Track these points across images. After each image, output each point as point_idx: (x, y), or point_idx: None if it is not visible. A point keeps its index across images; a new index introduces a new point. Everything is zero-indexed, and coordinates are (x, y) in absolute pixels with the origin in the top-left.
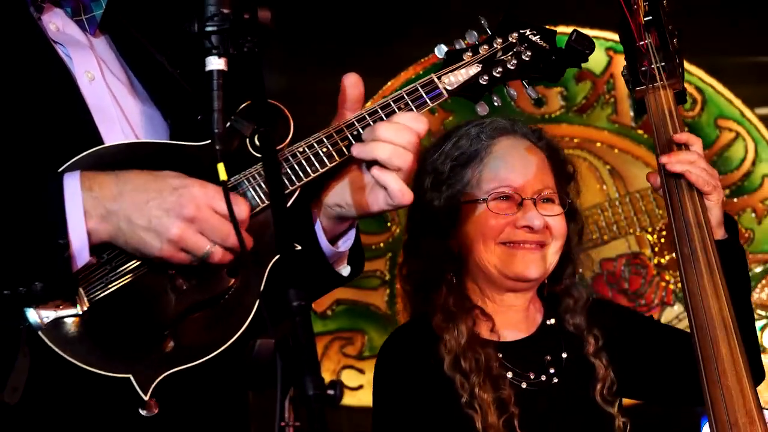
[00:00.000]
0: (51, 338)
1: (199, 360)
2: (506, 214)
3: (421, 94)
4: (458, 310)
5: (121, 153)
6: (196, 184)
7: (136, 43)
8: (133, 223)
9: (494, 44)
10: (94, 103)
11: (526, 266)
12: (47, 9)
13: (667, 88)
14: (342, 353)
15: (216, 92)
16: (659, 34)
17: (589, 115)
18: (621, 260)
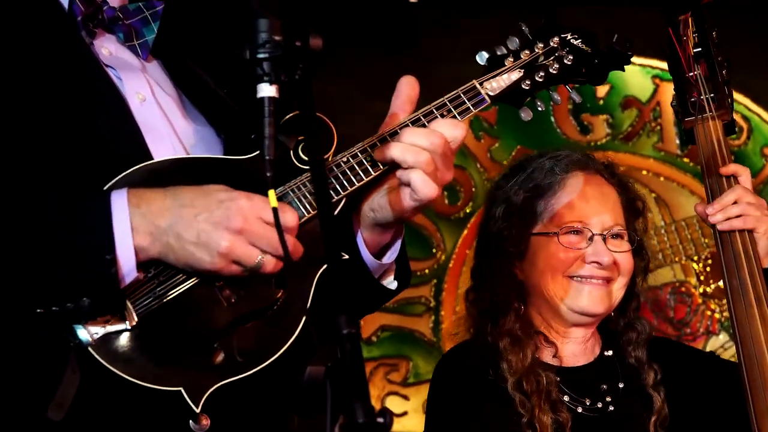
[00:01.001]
0: (101, 354)
1: (250, 371)
2: (576, 248)
3: (464, 101)
4: (524, 335)
5: (168, 168)
6: (242, 197)
7: (185, 65)
8: (183, 239)
9: (535, 49)
10: (145, 123)
11: (592, 301)
12: (99, 34)
13: (716, 119)
14: (387, 380)
15: (267, 119)
16: (708, 65)
17: (635, 143)
18: (666, 289)
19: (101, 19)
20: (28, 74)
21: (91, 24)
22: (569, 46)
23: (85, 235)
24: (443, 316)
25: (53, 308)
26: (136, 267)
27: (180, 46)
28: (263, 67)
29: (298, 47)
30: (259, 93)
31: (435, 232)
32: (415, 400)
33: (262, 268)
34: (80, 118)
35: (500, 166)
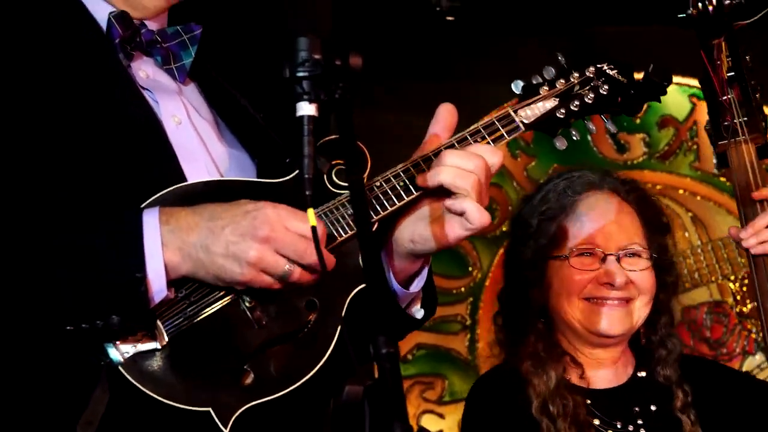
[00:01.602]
0: (131, 373)
1: (279, 393)
2: (589, 269)
3: (498, 128)
4: (548, 356)
5: (201, 190)
6: (268, 206)
7: (222, 89)
8: (211, 252)
9: (571, 78)
10: (180, 145)
11: (609, 323)
12: (137, 57)
13: (749, 143)
14: (422, 398)
15: (306, 137)
16: (742, 89)
17: (671, 162)
18: (703, 308)
19: (139, 42)
20: (66, 95)
21: (129, 47)
22: (605, 76)
23: (116, 253)
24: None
25: (83, 326)
26: (167, 285)
27: (217, 69)
28: (303, 85)
29: (338, 66)
30: (298, 111)
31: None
32: (450, 418)
33: (291, 276)
34: (116, 141)
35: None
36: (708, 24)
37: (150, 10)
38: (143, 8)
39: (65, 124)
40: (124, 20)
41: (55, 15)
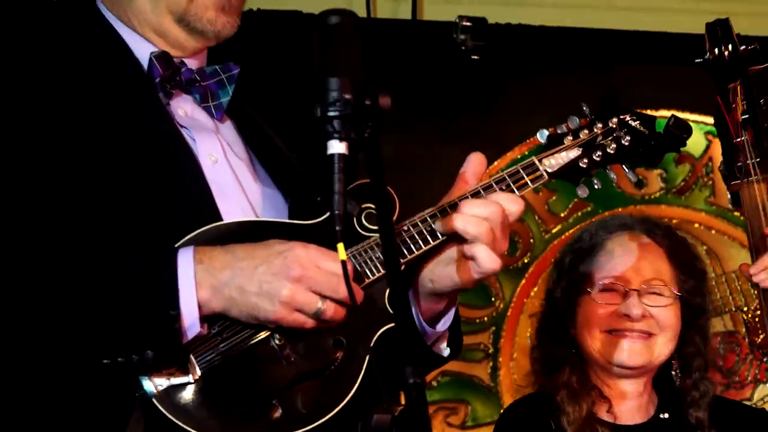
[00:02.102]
0: (164, 405)
1: (305, 428)
2: (610, 303)
3: (523, 176)
4: (581, 388)
5: (236, 230)
6: (298, 246)
7: (258, 128)
8: (245, 291)
9: (594, 129)
10: (215, 183)
11: (628, 355)
12: (176, 95)
13: (761, 183)
14: (446, 423)
15: (337, 175)
16: (755, 131)
17: (687, 197)
18: (717, 338)
19: (179, 81)
20: (106, 132)
21: (168, 85)
22: (627, 127)
23: (152, 291)
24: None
25: (119, 359)
26: (200, 322)
27: (254, 108)
28: (333, 124)
29: (368, 106)
30: (329, 150)
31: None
32: None
33: (324, 314)
34: (154, 178)
35: (557, 219)
36: (724, 69)
37: (190, 50)
38: (183, 48)
39: (104, 160)
40: (164, 60)
41: (99, 53)
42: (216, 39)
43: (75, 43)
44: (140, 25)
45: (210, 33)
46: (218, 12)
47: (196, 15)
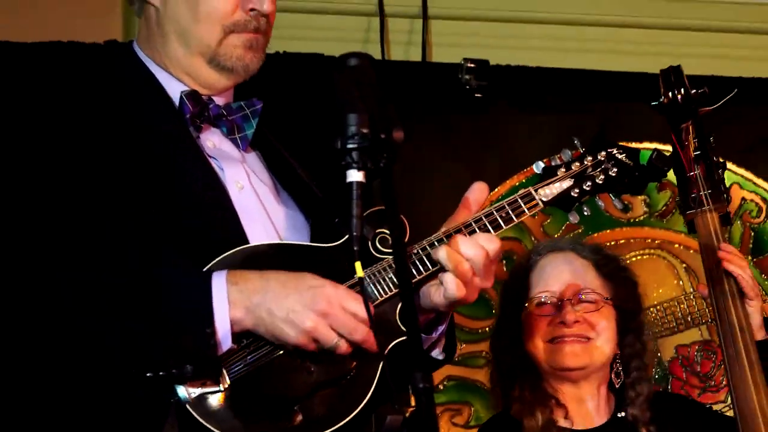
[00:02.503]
0: (197, 411)
1: (326, 431)
2: (546, 315)
3: (520, 204)
4: (534, 400)
5: (262, 252)
6: (329, 285)
7: (280, 157)
8: (274, 315)
9: (585, 161)
10: (242, 208)
11: (568, 357)
12: (205, 129)
13: (713, 212)
14: (452, 422)
15: (355, 201)
16: (706, 166)
17: (668, 220)
18: (694, 346)
19: (207, 116)
20: (142, 164)
21: (198, 120)
22: (614, 159)
23: (190, 311)
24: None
25: (161, 373)
26: (231, 337)
27: (276, 139)
28: (352, 155)
29: (383, 139)
30: (348, 178)
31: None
32: None
33: (337, 350)
34: (186, 205)
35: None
36: (677, 110)
37: (219, 88)
38: (213, 87)
39: (140, 190)
40: (194, 97)
41: (136, 90)
42: (245, 74)
43: (115, 82)
44: (173, 67)
45: (240, 69)
46: (245, 50)
47: (226, 55)
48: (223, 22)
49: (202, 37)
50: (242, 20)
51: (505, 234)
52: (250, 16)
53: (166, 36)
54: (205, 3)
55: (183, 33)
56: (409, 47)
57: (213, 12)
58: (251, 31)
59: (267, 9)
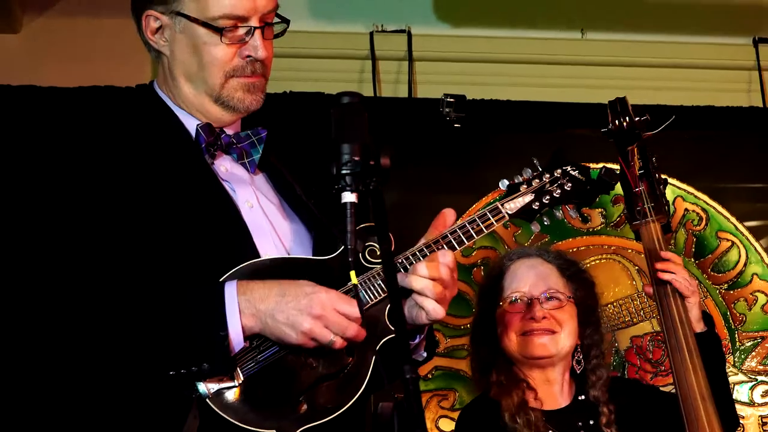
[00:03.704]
0: (215, 404)
1: (325, 419)
2: (519, 312)
3: (489, 217)
4: (509, 383)
5: (269, 265)
6: (322, 291)
7: (284, 178)
8: (276, 319)
9: (544, 178)
10: (252, 224)
11: (537, 347)
12: (218, 156)
13: (655, 222)
14: (439, 406)
15: (349, 218)
16: (649, 183)
17: (622, 230)
18: (647, 337)
19: (220, 144)
20: (164, 188)
21: (212, 149)
22: (569, 176)
23: (206, 317)
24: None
25: (182, 371)
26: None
27: (280, 163)
28: (346, 179)
29: (372, 165)
30: (343, 199)
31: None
32: None
33: (333, 345)
34: (203, 223)
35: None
36: (623, 135)
37: (226, 121)
38: (221, 121)
39: (164, 213)
40: (208, 129)
41: (158, 127)
42: (245, 112)
43: (142, 120)
44: (187, 106)
45: (240, 108)
46: (245, 92)
47: (228, 96)
48: (223, 69)
49: (207, 80)
50: (240, 66)
51: (481, 243)
52: (247, 62)
53: (176, 79)
54: (207, 52)
55: (191, 77)
56: (397, 86)
57: (214, 60)
58: (249, 75)
59: (261, 55)
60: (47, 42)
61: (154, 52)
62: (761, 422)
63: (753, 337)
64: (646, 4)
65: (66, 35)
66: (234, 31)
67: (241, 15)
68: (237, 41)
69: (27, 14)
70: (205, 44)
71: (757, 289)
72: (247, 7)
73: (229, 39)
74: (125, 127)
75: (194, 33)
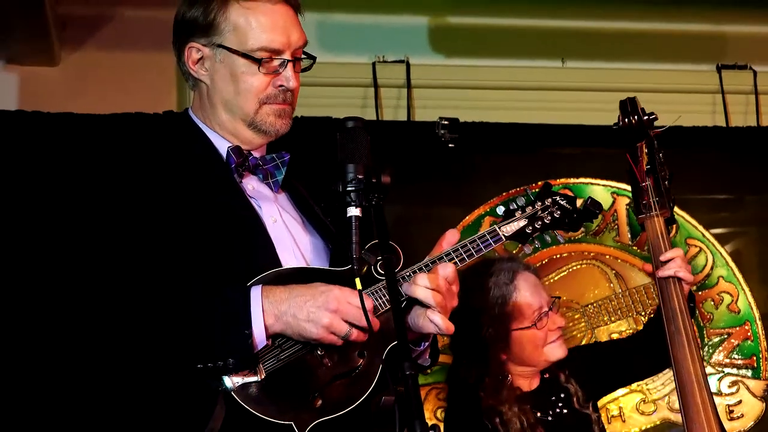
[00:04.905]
0: (239, 396)
1: (339, 413)
2: (544, 327)
3: (488, 239)
4: (492, 382)
5: (290, 273)
6: (336, 288)
7: (303, 197)
8: (297, 318)
9: (536, 206)
10: (276, 238)
11: (563, 349)
12: (246, 176)
13: (659, 216)
14: (437, 398)
15: (354, 230)
16: (655, 178)
17: (600, 237)
18: (623, 334)
19: (247, 165)
20: (198, 205)
21: (240, 169)
22: (558, 204)
23: (233, 317)
24: None
25: (209, 365)
26: (266, 338)
27: (300, 183)
28: (351, 196)
29: (375, 183)
30: (348, 213)
31: None
32: None
33: (350, 337)
34: (233, 236)
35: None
36: (632, 132)
37: (256, 144)
38: (251, 143)
39: (198, 225)
40: (237, 151)
41: (192, 148)
42: (275, 136)
43: (176, 142)
44: (220, 129)
45: (271, 132)
46: (276, 118)
47: (261, 121)
48: (258, 96)
49: (242, 106)
50: (273, 94)
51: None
52: (279, 91)
53: (214, 105)
54: (244, 81)
55: (227, 103)
56: (396, 110)
57: (250, 88)
58: (280, 103)
59: (292, 86)
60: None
61: (193, 80)
62: (728, 410)
63: (720, 333)
64: (619, 35)
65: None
66: (269, 63)
67: (276, 48)
68: (272, 72)
69: (64, 49)
70: (243, 73)
71: (723, 290)
72: (282, 42)
73: (266, 69)
74: (163, 149)
75: (233, 63)
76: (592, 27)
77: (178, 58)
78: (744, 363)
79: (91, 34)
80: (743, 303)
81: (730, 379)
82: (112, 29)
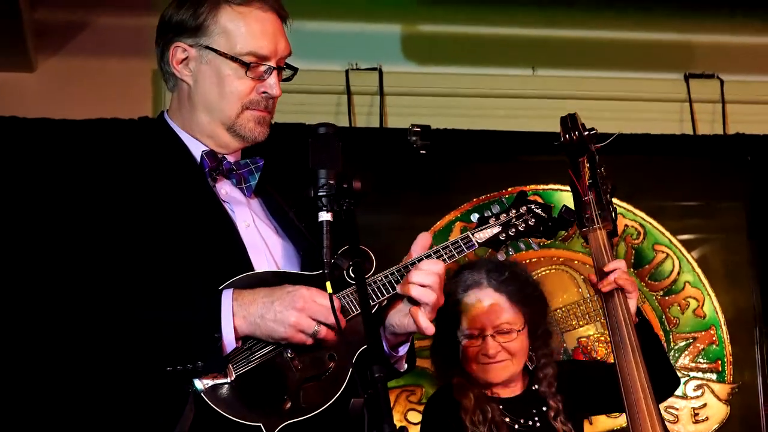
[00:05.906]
0: (209, 398)
1: (307, 415)
2: (475, 346)
3: (461, 245)
4: (467, 382)
5: (261, 276)
6: (303, 288)
7: (276, 202)
8: (265, 318)
9: (510, 214)
10: (248, 242)
11: (493, 375)
12: (220, 180)
13: (602, 229)
14: (408, 400)
15: (325, 234)
16: (597, 192)
17: (569, 243)
18: (591, 338)
19: (221, 170)
20: (170, 208)
21: (214, 173)
22: (532, 212)
23: (202, 320)
24: None
25: (178, 368)
26: (235, 340)
27: (273, 189)
28: (322, 201)
29: (345, 188)
30: (319, 218)
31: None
32: None
33: (319, 335)
34: (205, 239)
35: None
36: (574, 148)
37: (232, 149)
38: (227, 147)
39: (170, 229)
40: (212, 155)
41: (166, 152)
42: (252, 143)
43: (150, 146)
44: (197, 131)
45: (249, 139)
46: (256, 124)
47: (241, 125)
48: (242, 100)
49: (224, 109)
50: (256, 99)
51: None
52: (262, 97)
53: (194, 107)
54: (229, 84)
55: (209, 105)
56: (369, 117)
57: (234, 91)
58: (262, 110)
59: (275, 93)
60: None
61: (174, 80)
62: (694, 413)
63: (686, 337)
64: (588, 44)
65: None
66: (256, 68)
67: (264, 54)
68: (257, 77)
69: (41, 55)
70: (228, 76)
71: (689, 295)
72: (270, 49)
73: (252, 74)
74: (137, 154)
75: (220, 65)
76: (562, 36)
77: (161, 57)
78: (709, 367)
79: (68, 40)
80: (709, 308)
81: (695, 383)
82: (89, 36)
